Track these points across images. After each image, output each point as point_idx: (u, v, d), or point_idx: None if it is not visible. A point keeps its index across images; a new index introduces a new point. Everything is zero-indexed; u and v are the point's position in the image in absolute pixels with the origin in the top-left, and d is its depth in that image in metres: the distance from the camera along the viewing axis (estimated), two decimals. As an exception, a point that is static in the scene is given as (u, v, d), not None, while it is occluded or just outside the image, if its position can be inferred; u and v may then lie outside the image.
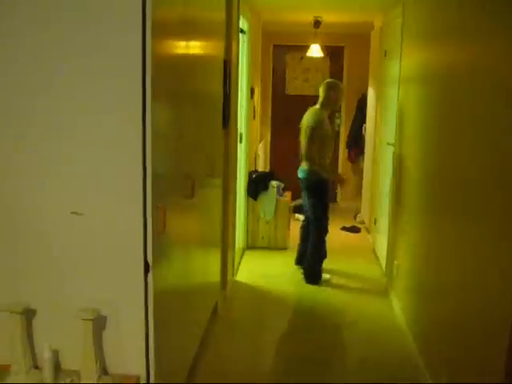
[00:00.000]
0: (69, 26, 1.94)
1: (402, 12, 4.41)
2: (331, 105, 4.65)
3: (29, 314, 2.12)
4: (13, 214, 2.09)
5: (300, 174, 4.70)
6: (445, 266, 2.86)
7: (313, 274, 4.76)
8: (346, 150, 7.69)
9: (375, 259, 5.44)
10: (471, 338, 2.41)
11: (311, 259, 4.76)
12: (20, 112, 2.02)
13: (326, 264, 5.14)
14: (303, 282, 4.75)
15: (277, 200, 5.51)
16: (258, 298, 4.48)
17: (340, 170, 7.88)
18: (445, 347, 2.80)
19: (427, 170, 3.39)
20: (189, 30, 2.65)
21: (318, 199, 4.67)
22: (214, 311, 3.87)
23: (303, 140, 4.58)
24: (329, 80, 4.81)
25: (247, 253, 5.56)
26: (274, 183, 5.55)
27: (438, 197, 3.08)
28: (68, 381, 2.05)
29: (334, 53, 7.62)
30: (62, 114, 2.00)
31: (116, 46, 1.93)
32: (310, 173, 4.59)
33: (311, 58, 7.39)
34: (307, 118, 4.62)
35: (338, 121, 7.78)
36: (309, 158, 4.54)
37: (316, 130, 4.50)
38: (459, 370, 2.57)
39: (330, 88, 4.62)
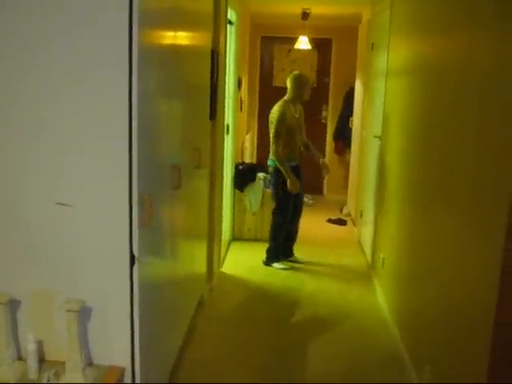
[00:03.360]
0: (54, 15, 1.92)
1: (389, 5, 4.41)
2: (296, 97, 4.79)
3: (13, 305, 2.11)
4: (-3, 205, 2.08)
5: (269, 163, 4.92)
6: (429, 260, 2.88)
7: (268, 256, 5.01)
8: (333, 143, 7.71)
9: (361, 252, 5.47)
10: (455, 332, 2.43)
11: (269, 242, 5.02)
12: (5, 102, 2.00)
13: (312, 256, 5.17)
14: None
15: (263, 192, 5.52)
16: (244, 289, 4.48)
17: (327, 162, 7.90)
18: (429, 340, 2.82)
19: (413, 163, 3.40)
20: (176, 20, 2.63)
21: (282, 189, 4.83)
22: (200, 303, 3.87)
23: (270, 133, 4.78)
24: (294, 73, 4.92)
25: (233, 244, 5.56)
26: (260, 175, 5.56)
27: (422, 189, 3.10)
28: (52, 372, 2.04)
29: (321, 45, 7.61)
30: (47, 104, 1.98)
31: (102, 36, 1.92)
32: (276, 164, 4.78)
33: (299, 50, 7.37)
34: (272, 112, 4.80)
35: (324, 113, 7.79)
36: (274, 151, 4.73)
37: (279, 123, 4.67)
38: (443, 362, 2.59)
39: (293, 81, 4.79)
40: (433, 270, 2.81)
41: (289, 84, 4.80)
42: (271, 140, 4.76)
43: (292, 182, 4.72)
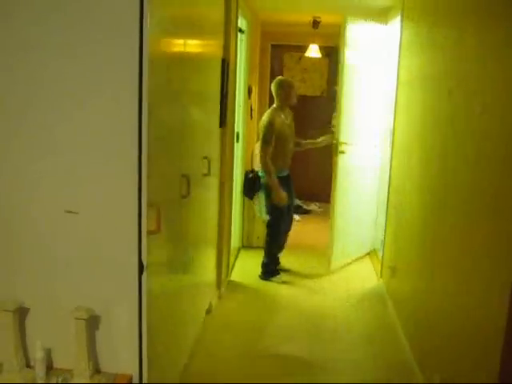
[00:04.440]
0: (68, 20, 1.94)
1: (400, 15, 4.40)
2: (282, 103, 4.69)
3: (22, 313, 2.11)
4: (7, 213, 2.09)
5: (260, 174, 4.81)
6: (440, 268, 2.86)
7: (264, 271, 4.86)
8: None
9: (371, 260, 5.44)
10: (465, 339, 2.41)
11: (265, 256, 4.88)
12: (14, 109, 2.01)
13: (320, 264, 5.15)
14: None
15: (273, 200, 5.50)
16: (253, 297, 4.47)
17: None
18: (439, 348, 2.79)
19: (427, 173, 3.38)
20: (187, 28, 2.64)
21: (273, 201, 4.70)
22: (209, 311, 3.86)
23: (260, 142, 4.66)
24: (279, 78, 4.85)
25: (242, 252, 5.55)
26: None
27: (436, 201, 3.07)
28: (60, 380, 2.04)
29: (332, 53, 7.60)
30: (57, 113, 1.99)
31: (113, 44, 1.93)
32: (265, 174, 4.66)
33: (309, 58, 7.37)
34: (262, 119, 4.71)
35: (334, 121, 7.76)
36: (262, 160, 4.58)
37: (267, 130, 4.53)
38: (452, 371, 2.57)
39: (278, 86, 4.69)
40: (443, 279, 2.79)
41: (273, 90, 4.71)
42: (260, 148, 4.61)
43: (279, 194, 4.56)
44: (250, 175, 5.45)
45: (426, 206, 3.28)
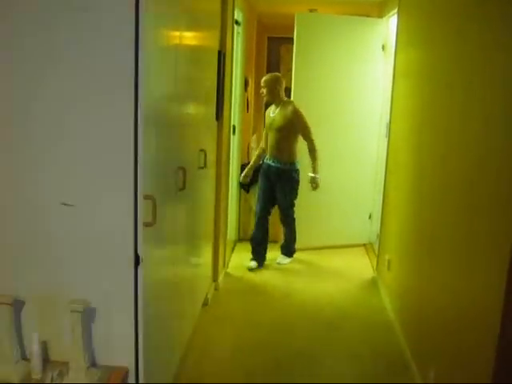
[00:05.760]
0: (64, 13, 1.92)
1: (397, 6, 4.38)
2: (269, 98, 4.84)
3: (17, 305, 2.11)
4: (2, 205, 2.08)
5: None
6: (436, 262, 2.87)
7: (290, 251, 5.20)
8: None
9: (367, 253, 5.45)
10: (460, 336, 2.42)
11: (292, 241, 5.18)
12: (14, 103, 2.00)
13: (317, 257, 5.16)
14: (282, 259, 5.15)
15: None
16: (249, 290, 4.48)
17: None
18: (434, 340, 2.80)
19: (421, 165, 3.38)
20: (183, 20, 2.63)
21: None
22: (205, 303, 3.87)
23: None
24: (276, 74, 4.96)
25: (239, 245, 5.55)
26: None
27: (431, 193, 3.08)
28: (56, 372, 2.04)
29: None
30: (52, 105, 1.98)
31: (109, 35, 1.91)
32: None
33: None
34: None
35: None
36: None
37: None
38: (448, 365, 2.58)
39: (265, 82, 4.82)
40: (438, 272, 2.80)
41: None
42: None
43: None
44: (246, 168, 5.46)
45: (421, 198, 3.29)
